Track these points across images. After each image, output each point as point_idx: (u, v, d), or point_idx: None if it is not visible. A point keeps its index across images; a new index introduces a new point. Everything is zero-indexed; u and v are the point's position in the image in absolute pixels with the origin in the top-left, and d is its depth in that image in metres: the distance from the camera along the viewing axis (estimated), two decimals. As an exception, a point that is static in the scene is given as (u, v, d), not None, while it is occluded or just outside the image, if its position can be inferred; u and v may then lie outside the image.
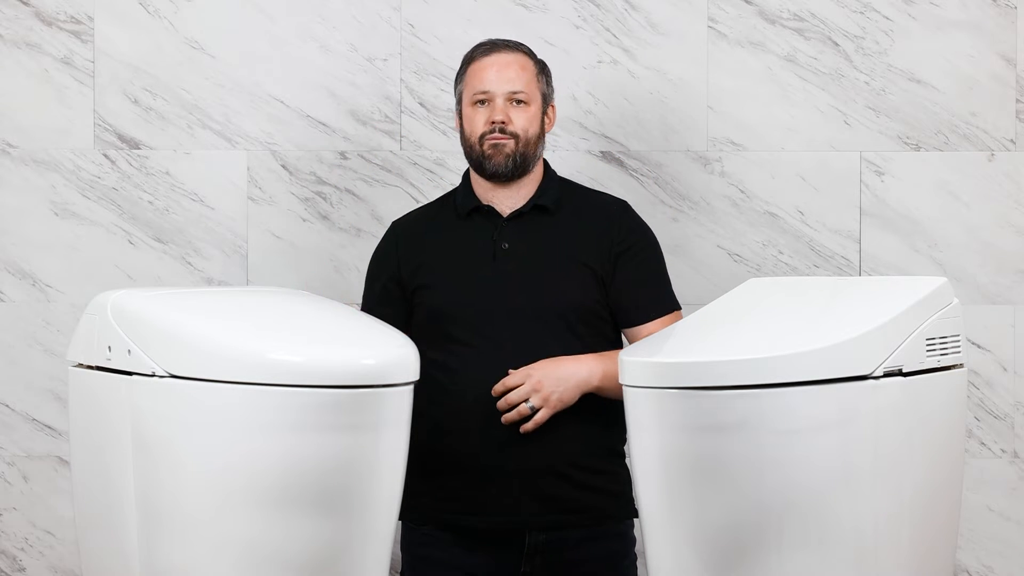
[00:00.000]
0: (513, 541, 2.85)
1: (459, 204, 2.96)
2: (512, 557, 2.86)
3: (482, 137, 2.89)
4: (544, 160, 2.97)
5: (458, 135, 2.97)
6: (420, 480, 2.82)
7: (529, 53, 2.95)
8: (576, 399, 2.81)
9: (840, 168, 3.47)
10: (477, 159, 2.91)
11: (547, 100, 2.95)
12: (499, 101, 2.89)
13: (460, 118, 2.95)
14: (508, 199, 2.93)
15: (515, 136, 2.88)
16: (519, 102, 2.89)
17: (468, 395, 2.82)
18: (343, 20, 3.47)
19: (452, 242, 2.92)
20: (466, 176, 2.99)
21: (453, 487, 2.85)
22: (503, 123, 2.87)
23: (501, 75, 2.89)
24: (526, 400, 2.78)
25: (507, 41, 2.95)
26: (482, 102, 2.89)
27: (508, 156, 2.88)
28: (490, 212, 2.93)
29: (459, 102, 2.95)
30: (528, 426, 2.78)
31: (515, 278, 2.87)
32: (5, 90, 3.46)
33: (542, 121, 2.93)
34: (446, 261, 2.90)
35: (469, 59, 2.94)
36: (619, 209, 2.98)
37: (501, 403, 2.79)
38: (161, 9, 3.45)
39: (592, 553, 2.89)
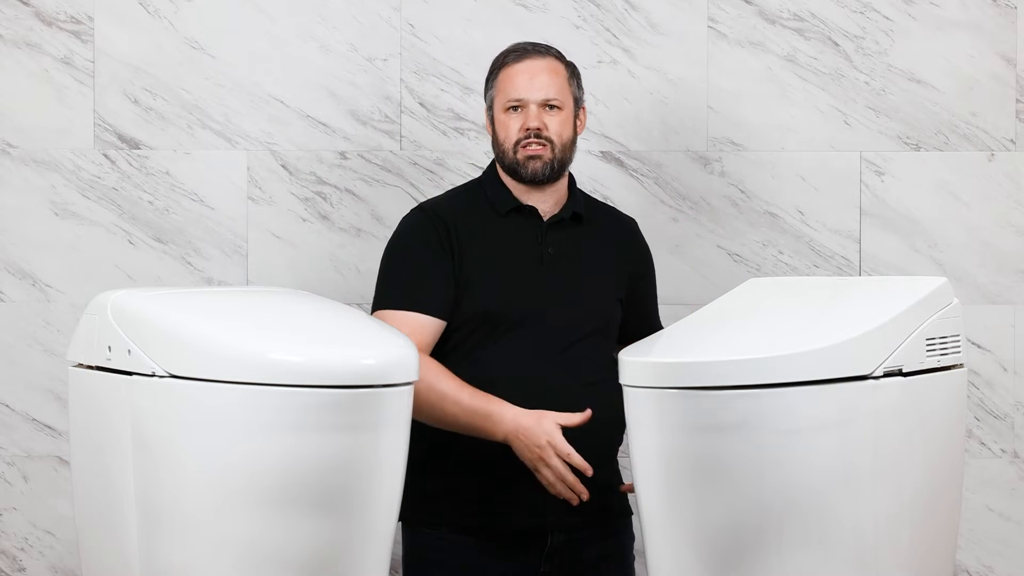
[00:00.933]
0: (534, 542, 2.85)
1: (496, 202, 2.92)
2: (532, 558, 2.85)
3: (516, 144, 2.87)
4: None
5: (490, 138, 2.95)
6: (442, 483, 2.82)
7: (559, 57, 2.94)
8: None
9: (840, 168, 3.47)
10: (511, 165, 2.89)
11: (578, 103, 2.95)
12: (532, 108, 2.87)
13: (492, 123, 2.93)
14: (543, 202, 2.92)
15: (550, 141, 2.87)
16: (552, 107, 2.88)
17: (509, 398, 2.78)
18: (343, 20, 3.47)
19: (495, 240, 2.89)
20: (494, 171, 2.96)
21: (477, 489, 2.83)
22: (538, 129, 2.86)
23: (534, 82, 2.88)
24: None
25: (537, 45, 2.94)
26: (515, 108, 2.88)
27: (546, 163, 2.87)
28: (531, 213, 2.91)
29: (490, 107, 2.93)
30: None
31: (561, 284, 2.87)
32: (5, 90, 3.46)
33: (574, 124, 2.93)
34: (491, 259, 2.87)
35: (500, 64, 2.92)
36: (634, 228, 3.05)
37: None
38: (161, 9, 3.45)
39: (603, 551, 2.91)
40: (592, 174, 3.44)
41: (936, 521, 2.49)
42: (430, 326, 2.82)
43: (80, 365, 2.61)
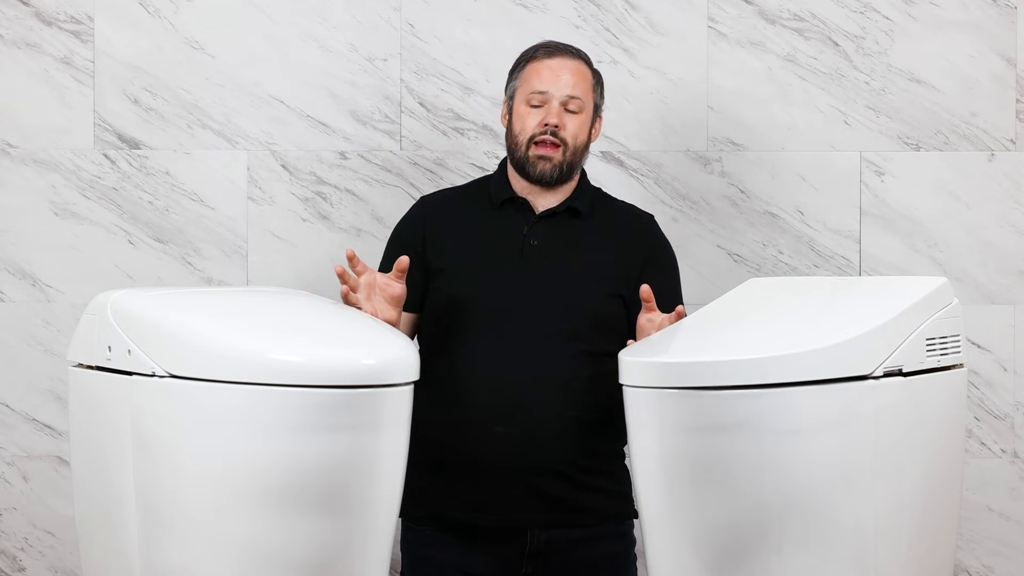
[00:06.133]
0: (514, 541, 2.85)
1: (493, 193, 2.94)
2: (513, 557, 2.86)
3: (531, 139, 2.88)
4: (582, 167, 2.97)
5: (504, 130, 2.95)
6: (421, 478, 2.81)
7: (588, 62, 2.95)
8: None
9: (840, 168, 3.47)
10: (520, 161, 2.89)
11: (597, 111, 2.95)
12: (555, 104, 2.88)
13: (510, 114, 2.93)
14: (544, 198, 2.92)
15: (564, 143, 2.87)
16: (572, 109, 2.89)
17: (477, 390, 2.81)
18: (343, 20, 3.47)
19: (480, 231, 2.91)
20: (503, 164, 2.98)
21: (455, 485, 2.84)
22: (556, 127, 2.86)
23: (561, 79, 2.88)
24: None
25: (568, 46, 2.95)
26: (536, 105, 2.88)
27: (555, 166, 2.88)
28: (523, 205, 2.92)
29: (511, 97, 2.93)
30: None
31: (540, 277, 2.86)
32: (5, 90, 3.46)
33: (590, 130, 2.93)
34: (471, 250, 2.89)
35: (529, 57, 2.93)
36: (647, 224, 3.01)
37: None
38: (161, 9, 3.46)
39: (593, 553, 2.89)
40: (592, 174, 3.43)
41: (936, 521, 2.49)
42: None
43: (80, 365, 2.61)
